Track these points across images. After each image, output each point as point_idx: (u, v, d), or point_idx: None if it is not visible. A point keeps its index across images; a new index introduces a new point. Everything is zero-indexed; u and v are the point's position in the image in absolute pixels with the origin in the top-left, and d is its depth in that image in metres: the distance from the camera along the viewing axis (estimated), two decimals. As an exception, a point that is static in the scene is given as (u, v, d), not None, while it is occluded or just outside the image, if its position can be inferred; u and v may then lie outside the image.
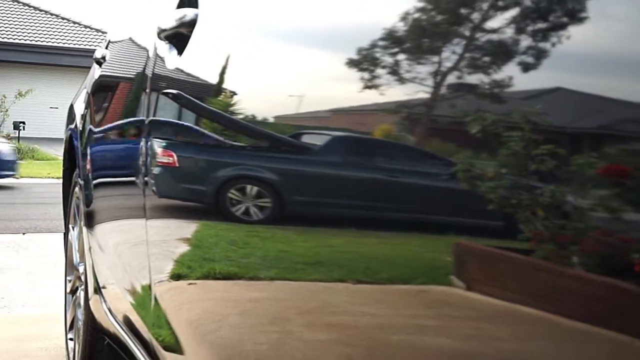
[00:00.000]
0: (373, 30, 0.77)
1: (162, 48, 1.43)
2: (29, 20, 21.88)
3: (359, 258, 0.77)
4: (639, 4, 0.52)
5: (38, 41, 21.05)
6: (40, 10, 22.54)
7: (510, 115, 0.59)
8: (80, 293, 2.36)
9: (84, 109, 2.35)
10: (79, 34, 22.03)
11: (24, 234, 6.23)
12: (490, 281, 0.60)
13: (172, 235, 1.31)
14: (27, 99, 18.33)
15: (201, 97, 1.28)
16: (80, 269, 2.35)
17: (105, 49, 2.33)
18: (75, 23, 22.46)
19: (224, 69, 1.16)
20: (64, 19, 22.52)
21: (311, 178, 0.89)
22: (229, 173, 1.14)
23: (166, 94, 1.41)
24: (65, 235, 2.73)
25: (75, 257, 2.47)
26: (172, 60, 1.37)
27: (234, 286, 1.05)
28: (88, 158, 2.11)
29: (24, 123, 18.35)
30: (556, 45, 0.55)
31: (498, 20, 0.62)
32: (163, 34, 1.43)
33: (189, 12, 1.33)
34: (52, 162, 14.59)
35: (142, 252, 1.43)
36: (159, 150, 1.39)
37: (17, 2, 22.39)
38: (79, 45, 21.16)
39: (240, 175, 1.10)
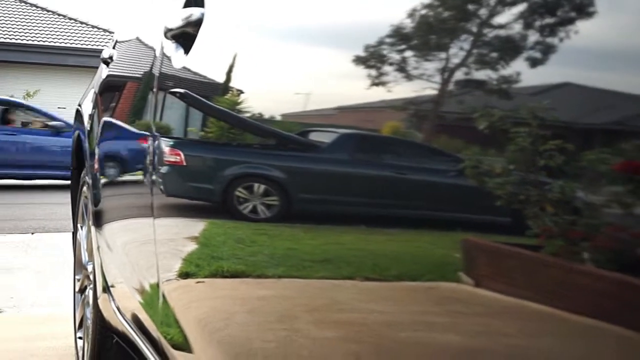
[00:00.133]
0: (380, 28, 0.77)
1: (169, 47, 1.44)
2: (37, 20, 21.92)
3: (366, 255, 0.77)
4: None
5: (45, 41, 21.09)
6: (48, 11, 22.58)
7: (518, 111, 0.59)
8: (89, 292, 2.36)
9: (91, 109, 2.36)
10: (86, 34, 22.06)
11: (32, 233, 6.26)
12: (498, 278, 0.60)
13: (180, 234, 1.32)
14: (34, 99, 18.37)
15: (208, 96, 1.28)
16: (89, 268, 2.36)
17: (113, 48, 2.33)
18: (83, 23, 22.49)
19: (231, 67, 1.16)
20: (71, 19, 22.55)
21: (318, 176, 0.89)
22: (237, 171, 1.14)
23: (173, 93, 1.41)
24: (74, 234, 2.74)
25: (84, 257, 2.48)
26: (179, 59, 1.37)
27: (242, 284, 1.05)
28: (96, 157, 2.12)
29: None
30: (564, 41, 0.55)
31: (505, 16, 0.62)
32: (170, 33, 1.43)
33: (196, 12, 1.33)
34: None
35: (150, 251, 1.44)
36: (166, 149, 1.39)
37: (25, 3, 22.44)
38: (86, 45, 21.19)
39: (247, 174, 1.10)
